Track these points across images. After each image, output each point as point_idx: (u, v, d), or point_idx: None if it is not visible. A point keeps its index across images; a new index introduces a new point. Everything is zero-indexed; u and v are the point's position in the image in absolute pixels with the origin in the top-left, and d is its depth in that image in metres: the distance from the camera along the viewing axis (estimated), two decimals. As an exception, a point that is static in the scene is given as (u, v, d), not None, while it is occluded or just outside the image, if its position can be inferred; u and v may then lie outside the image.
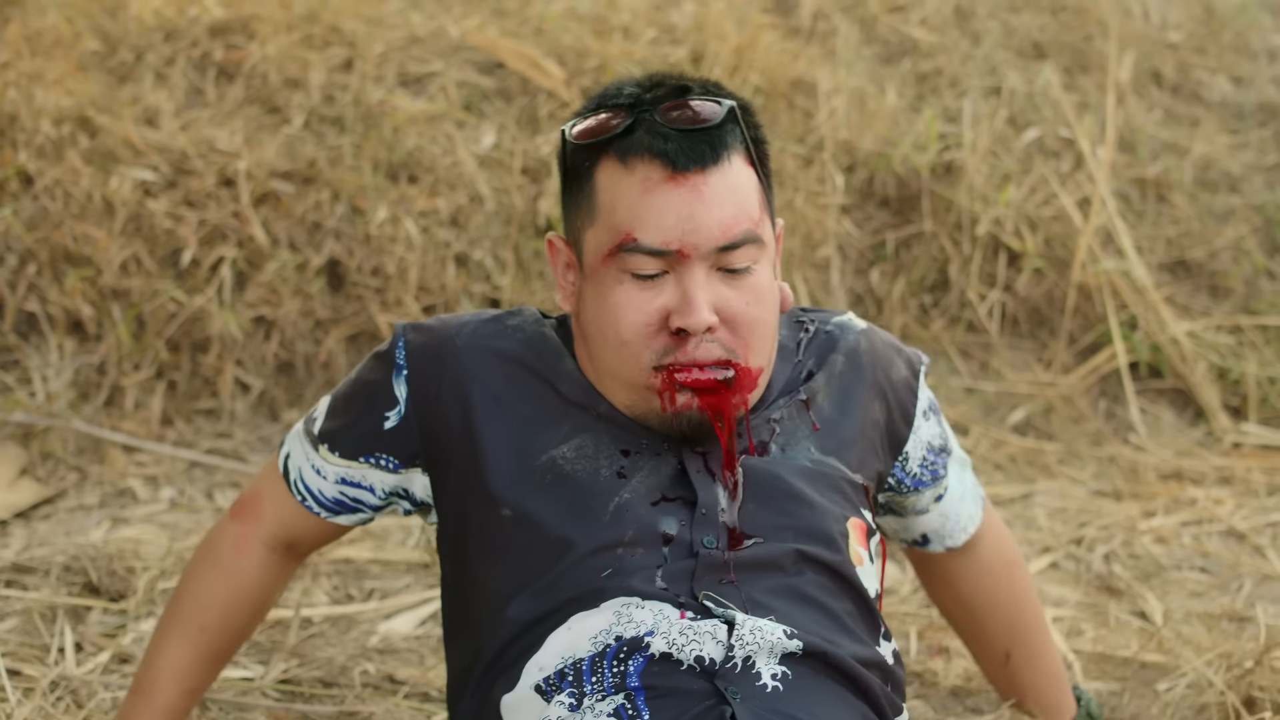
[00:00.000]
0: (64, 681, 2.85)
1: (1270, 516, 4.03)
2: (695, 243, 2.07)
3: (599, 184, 2.13)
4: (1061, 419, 4.65)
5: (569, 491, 2.15)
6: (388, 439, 2.27)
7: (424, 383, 2.24)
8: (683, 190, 2.07)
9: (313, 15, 4.75)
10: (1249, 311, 4.97)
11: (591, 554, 2.10)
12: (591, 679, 2.01)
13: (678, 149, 2.07)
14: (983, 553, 2.60)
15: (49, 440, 3.96)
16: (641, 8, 5.06)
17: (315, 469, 2.34)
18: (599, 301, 2.14)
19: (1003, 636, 2.65)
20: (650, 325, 2.10)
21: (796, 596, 2.12)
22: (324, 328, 4.27)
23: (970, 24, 5.48)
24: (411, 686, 2.98)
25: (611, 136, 2.12)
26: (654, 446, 2.19)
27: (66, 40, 4.55)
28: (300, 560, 2.49)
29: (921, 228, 4.82)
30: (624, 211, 2.10)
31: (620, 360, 2.14)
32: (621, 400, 2.19)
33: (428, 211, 4.37)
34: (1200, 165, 5.25)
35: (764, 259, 2.15)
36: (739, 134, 2.14)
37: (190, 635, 2.40)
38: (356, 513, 2.37)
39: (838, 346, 2.35)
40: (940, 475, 2.47)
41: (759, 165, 2.17)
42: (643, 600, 2.05)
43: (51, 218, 4.12)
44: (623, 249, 2.09)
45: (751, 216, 2.12)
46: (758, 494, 2.17)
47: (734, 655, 2.00)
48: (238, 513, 2.42)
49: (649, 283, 2.10)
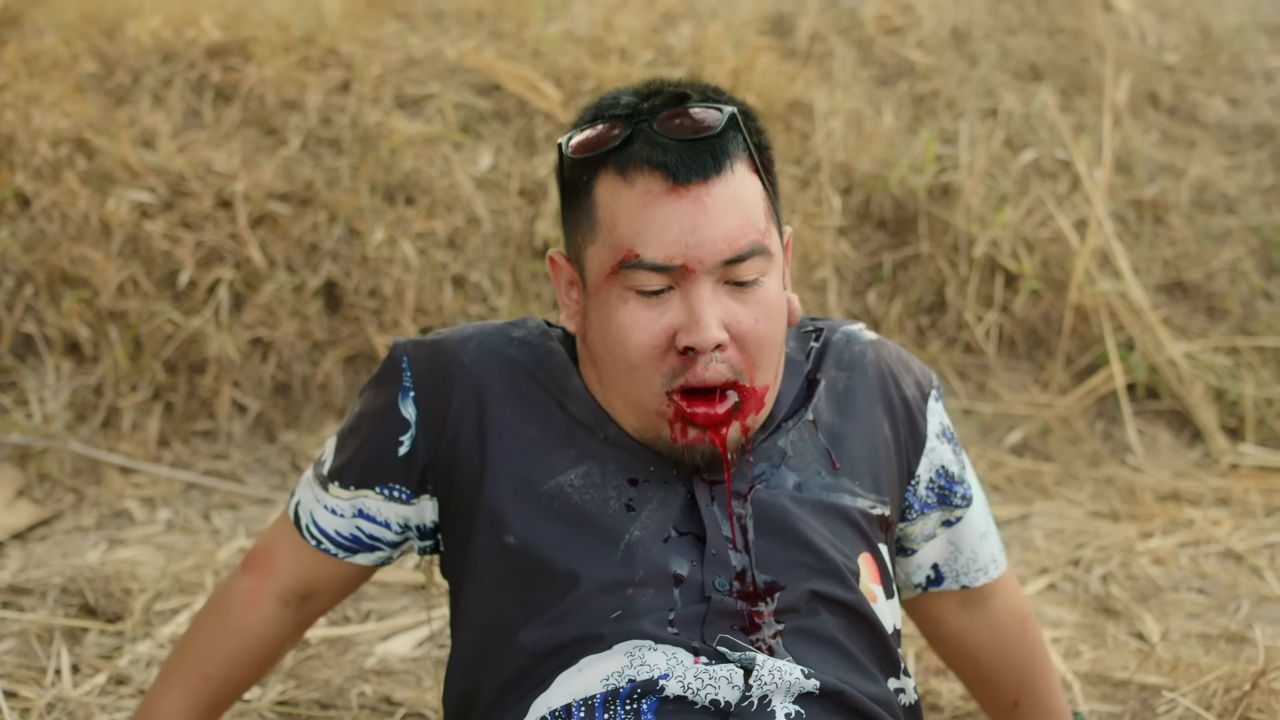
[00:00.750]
0: (61, 703, 2.84)
1: (1268, 537, 4.03)
2: (700, 257, 2.00)
3: (598, 199, 2.06)
4: (1059, 440, 4.65)
5: (578, 524, 2.10)
6: (400, 466, 2.21)
7: (433, 402, 2.18)
8: (685, 203, 2.00)
9: (310, 37, 4.76)
10: (1246, 332, 4.97)
11: (601, 592, 2.05)
12: (604, 715, 1.97)
13: (678, 160, 2.00)
14: (998, 606, 2.48)
15: (46, 462, 3.96)
16: (639, 30, 5.07)
17: (328, 508, 2.27)
18: (604, 323, 2.08)
19: (1012, 688, 2.53)
20: (658, 346, 2.04)
21: (812, 638, 2.07)
22: (321, 349, 4.27)
23: (967, 46, 5.50)
24: (409, 708, 2.97)
25: (609, 149, 2.05)
26: (662, 474, 2.14)
27: (64, 62, 4.56)
28: (317, 614, 2.39)
29: (918, 249, 4.82)
30: (625, 227, 2.03)
31: (631, 384, 2.08)
32: (630, 424, 2.14)
33: (425, 233, 4.37)
34: (1197, 187, 5.26)
35: (772, 271, 2.07)
36: (741, 141, 2.06)
37: (192, 684, 2.34)
38: (374, 550, 2.29)
39: (843, 357, 2.29)
40: (950, 501, 2.37)
41: (763, 172, 2.10)
42: (655, 644, 2.01)
43: (49, 239, 4.12)
44: (625, 265, 2.03)
45: (758, 227, 2.04)
46: (768, 529, 2.12)
47: (751, 695, 1.97)
48: (249, 566, 2.34)
49: (654, 300, 2.04)
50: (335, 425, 4.27)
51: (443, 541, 2.26)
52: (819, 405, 2.24)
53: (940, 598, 2.46)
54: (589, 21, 5.10)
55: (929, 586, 2.44)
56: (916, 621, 2.54)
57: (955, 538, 2.41)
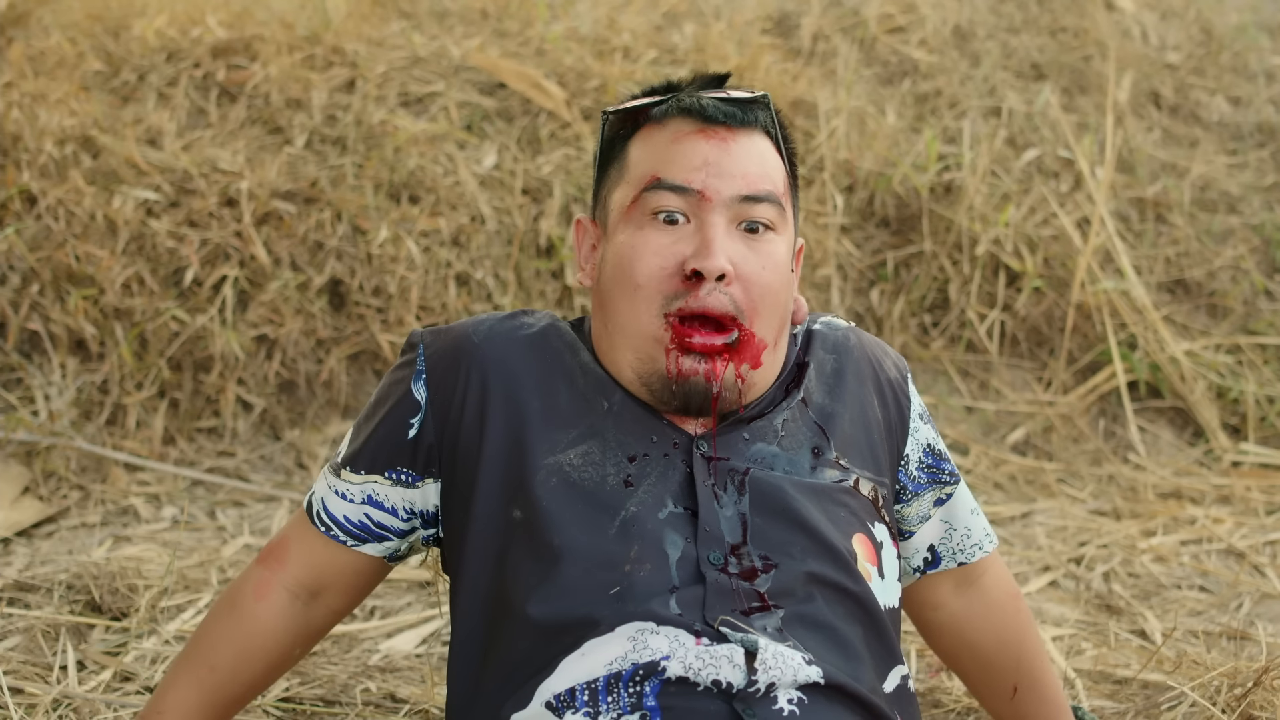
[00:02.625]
0: (66, 700, 2.85)
1: (1269, 535, 4.03)
2: (718, 186, 2.14)
3: (631, 149, 2.22)
4: (1061, 438, 4.65)
5: (576, 500, 2.13)
6: (409, 448, 2.25)
7: (443, 381, 2.24)
8: (711, 142, 2.16)
9: (315, 36, 4.77)
10: (1248, 331, 4.98)
11: (597, 567, 2.08)
12: (607, 698, 1.99)
13: (710, 105, 2.17)
14: (990, 584, 2.53)
15: (51, 459, 3.97)
16: (642, 29, 5.08)
17: (339, 493, 2.30)
18: (618, 252, 2.18)
19: (1010, 672, 2.57)
20: (666, 269, 2.14)
21: (810, 624, 2.10)
22: (325, 347, 4.28)
23: (970, 45, 5.50)
24: (413, 705, 2.98)
25: (650, 105, 2.21)
26: (662, 447, 2.18)
27: (70, 61, 4.56)
28: (328, 616, 2.40)
29: (921, 248, 4.83)
30: (651, 159, 2.18)
31: (632, 309, 2.16)
32: (630, 367, 2.19)
33: (429, 231, 4.38)
34: (1199, 185, 5.26)
35: (784, 233, 2.20)
36: (770, 121, 2.22)
37: (199, 675, 2.36)
38: (383, 540, 2.32)
39: (826, 341, 2.36)
40: (939, 478, 2.43)
41: (787, 161, 2.24)
42: (657, 626, 2.03)
43: (54, 237, 4.13)
44: (647, 189, 2.15)
45: (776, 184, 2.18)
46: (765, 508, 2.15)
47: (757, 680, 1.99)
48: (263, 558, 2.38)
49: (669, 229, 2.15)
50: (340, 423, 4.28)
51: (442, 526, 2.29)
52: (810, 386, 2.29)
53: (937, 581, 2.51)
54: (593, 20, 5.11)
55: (926, 569, 2.49)
56: (913, 614, 2.56)
57: (948, 516, 2.47)
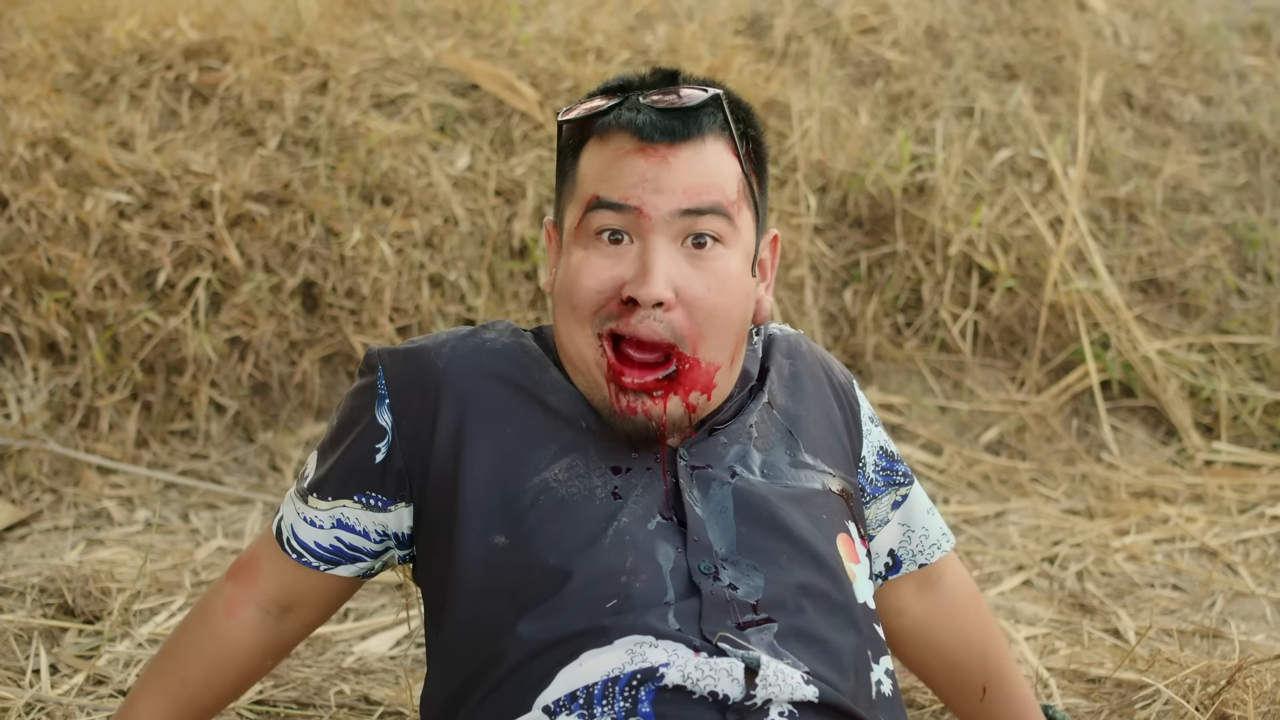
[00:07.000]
0: (39, 704, 2.83)
1: (1242, 534, 4.05)
2: (656, 202, 2.07)
3: (580, 163, 2.15)
4: (1034, 438, 4.67)
5: (565, 516, 2.11)
6: (377, 474, 2.21)
7: (407, 407, 2.20)
8: (650, 160, 2.08)
9: (287, 38, 4.76)
10: (1220, 330, 5.00)
11: (594, 581, 2.06)
12: (602, 702, 1.98)
13: (648, 122, 2.08)
14: (951, 584, 2.54)
15: (24, 462, 3.95)
16: (615, 30, 5.08)
17: (307, 520, 2.28)
18: (565, 271, 2.14)
19: (978, 672, 2.56)
20: (603, 292, 2.09)
21: (804, 638, 2.09)
22: (299, 349, 4.27)
23: (942, 45, 5.51)
24: (387, 707, 2.97)
25: (595, 116, 2.14)
26: (645, 459, 2.16)
27: (41, 63, 4.55)
28: (299, 628, 2.39)
29: (894, 248, 4.84)
30: (592, 178, 2.11)
31: (569, 331, 2.13)
32: (582, 386, 2.17)
33: (402, 233, 4.37)
34: (1171, 185, 5.28)
35: (735, 247, 2.13)
36: (722, 121, 2.13)
37: (170, 688, 2.34)
38: (356, 561, 2.29)
39: (780, 347, 2.35)
40: (894, 480, 2.44)
41: (745, 160, 2.16)
42: (656, 640, 2.02)
43: (26, 240, 4.11)
44: (589, 209, 2.10)
45: (725, 193, 2.10)
46: (749, 516, 2.14)
47: (755, 696, 1.98)
48: (234, 574, 2.36)
49: (612, 250, 2.09)
50: (313, 425, 4.27)
51: (417, 548, 2.26)
52: (773, 389, 2.29)
53: (899, 585, 2.51)
54: (565, 21, 5.11)
55: (888, 575, 2.49)
56: None
57: (906, 518, 2.47)
